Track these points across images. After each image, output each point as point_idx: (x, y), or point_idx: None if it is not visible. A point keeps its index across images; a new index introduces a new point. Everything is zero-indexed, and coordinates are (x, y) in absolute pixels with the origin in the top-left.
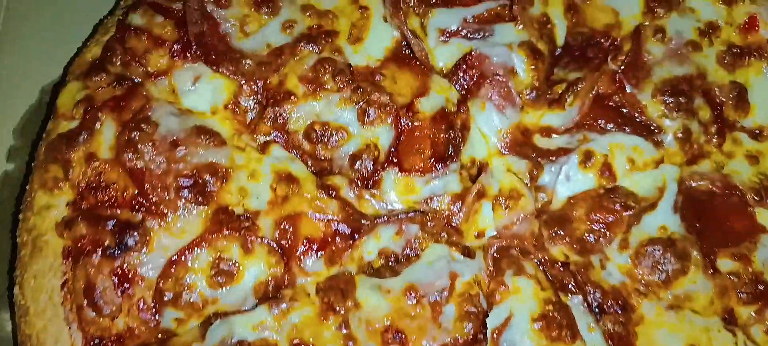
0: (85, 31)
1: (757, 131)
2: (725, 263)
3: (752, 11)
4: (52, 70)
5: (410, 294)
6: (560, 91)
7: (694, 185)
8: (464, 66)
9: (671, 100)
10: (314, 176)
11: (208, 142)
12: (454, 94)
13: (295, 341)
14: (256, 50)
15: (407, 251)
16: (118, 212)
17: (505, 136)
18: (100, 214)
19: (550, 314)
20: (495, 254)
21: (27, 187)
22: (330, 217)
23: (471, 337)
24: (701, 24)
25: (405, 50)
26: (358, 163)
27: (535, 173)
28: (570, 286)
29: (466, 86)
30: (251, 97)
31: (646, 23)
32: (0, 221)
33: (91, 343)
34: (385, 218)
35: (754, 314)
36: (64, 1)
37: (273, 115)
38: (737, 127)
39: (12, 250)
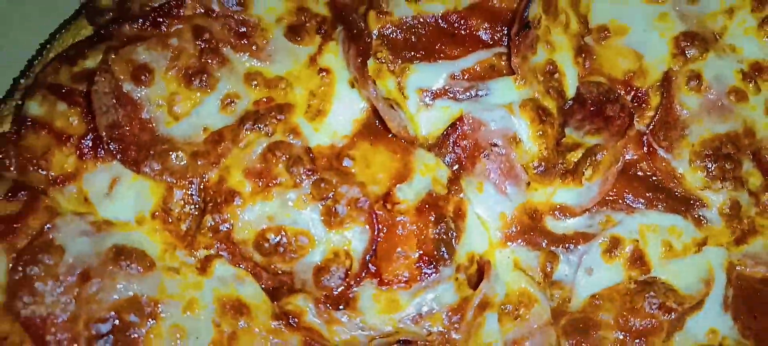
0: None
1: None
2: None
3: None
4: None
5: None
6: (575, 160)
7: (747, 271)
8: (454, 135)
9: (714, 166)
10: (270, 301)
11: (131, 267)
12: (442, 172)
13: None
14: (190, 137)
15: None
16: None
17: (509, 221)
18: None
19: None
20: None
21: None
22: None
23: None
24: (745, 65)
25: (379, 123)
26: (325, 277)
27: (550, 267)
28: None
29: (457, 161)
30: (185, 202)
31: (677, 68)
32: None
33: None
34: None
35: None
36: None
37: (213, 223)
38: None
39: None
